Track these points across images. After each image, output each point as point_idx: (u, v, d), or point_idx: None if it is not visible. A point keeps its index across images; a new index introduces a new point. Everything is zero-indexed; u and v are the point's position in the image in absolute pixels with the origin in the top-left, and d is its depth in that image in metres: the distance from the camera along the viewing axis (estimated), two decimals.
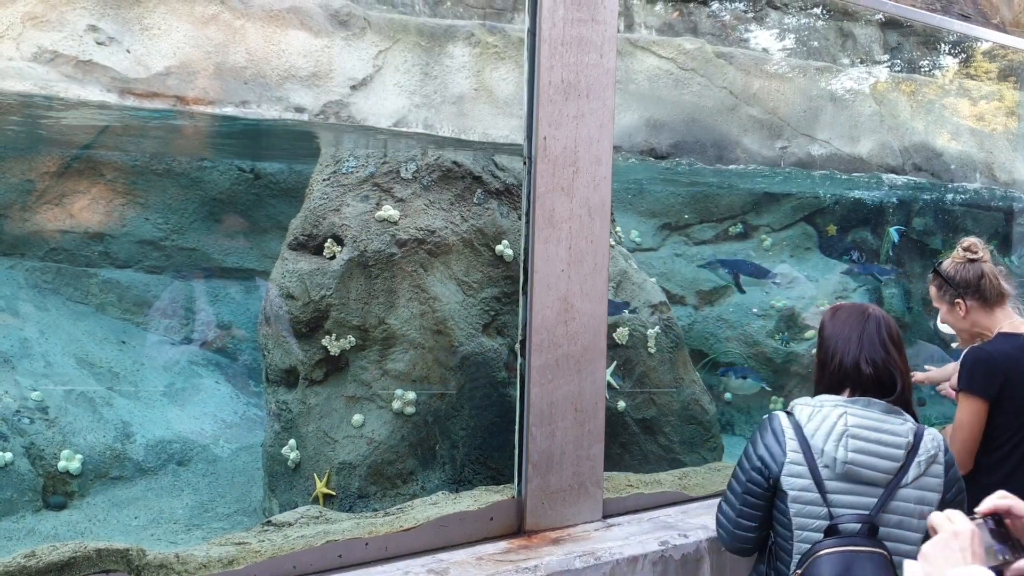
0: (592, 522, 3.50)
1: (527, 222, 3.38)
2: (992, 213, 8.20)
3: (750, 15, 6.57)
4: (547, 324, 3.36)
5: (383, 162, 4.23)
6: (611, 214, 3.68)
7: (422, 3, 5.16)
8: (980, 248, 3.29)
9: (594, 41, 3.41)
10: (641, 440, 4.72)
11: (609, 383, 4.29)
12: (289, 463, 4.07)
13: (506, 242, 4.29)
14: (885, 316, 2.60)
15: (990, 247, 3.37)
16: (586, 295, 3.44)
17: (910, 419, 2.48)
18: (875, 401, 2.47)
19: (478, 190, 4.31)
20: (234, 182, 6.24)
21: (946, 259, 3.36)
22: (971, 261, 3.26)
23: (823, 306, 6.56)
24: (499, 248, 4.29)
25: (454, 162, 4.28)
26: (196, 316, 6.02)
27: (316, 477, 3.95)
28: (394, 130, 4.64)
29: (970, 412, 3.17)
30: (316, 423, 4.06)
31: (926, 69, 7.17)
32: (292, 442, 4.09)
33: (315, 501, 3.89)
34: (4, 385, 4.85)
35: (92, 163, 5.81)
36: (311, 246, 4.17)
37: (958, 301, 3.29)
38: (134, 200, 6.00)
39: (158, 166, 6.02)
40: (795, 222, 7.56)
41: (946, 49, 7.22)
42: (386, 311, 4.07)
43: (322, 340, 4.06)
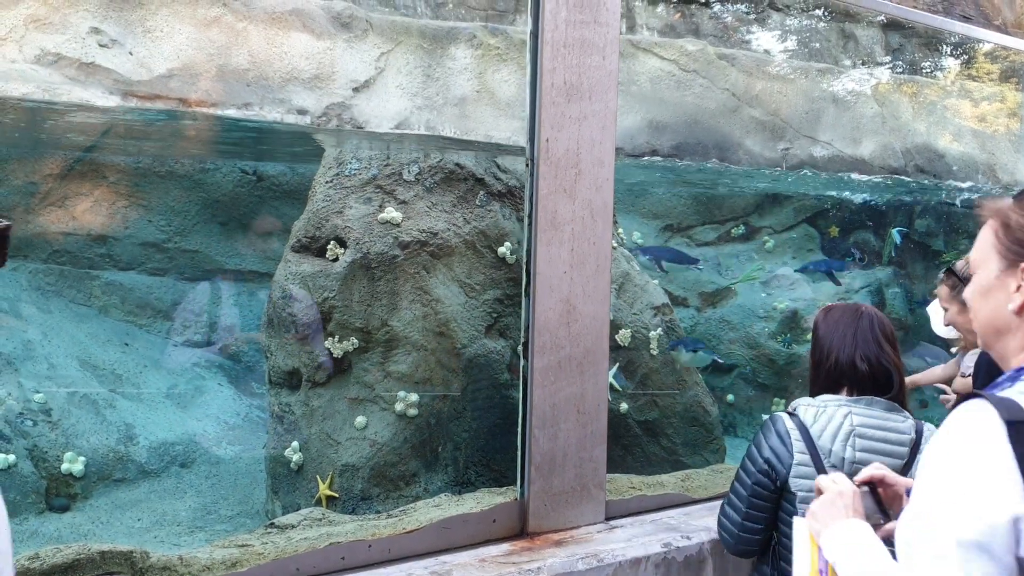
0: (595, 524, 3.50)
1: (529, 224, 3.38)
2: None
3: (752, 17, 6.58)
4: (550, 326, 3.36)
5: (386, 164, 4.24)
6: (613, 216, 3.68)
7: (424, 5, 5.16)
8: None
9: (596, 43, 3.41)
10: (643, 442, 4.72)
11: (611, 385, 4.29)
12: (292, 465, 4.08)
13: (508, 244, 4.29)
14: (878, 313, 2.61)
15: None
16: (588, 297, 3.44)
17: (910, 416, 2.49)
18: (877, 399, 2.47)
19: (480, 192, 4.31)
20: (237, 184, 6.24)
21: (960, 259, 3.32)
22: None
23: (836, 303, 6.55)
24: (501, 250, 4.29)
25: (456, 164, 4.28)
26: (214, 319, 6.03)
27: (319, 479, 3.96)
28: (396, 132, 4.64)
29: None
30: (319, 425, 4.06)
31: (928, 70, 7.17)
32: (295, 444, 4.09)
33: (318, 503, 3.89)
34: (7, 387, 4.86)
35: (95, 165, 5.81)
36: (314, 248, 4.18)
37: None
38: (137, 202, 6.00)
39: (161, 168, 6.03)
40: (797, 223, 7.56)
41: (948, 50, 7.22)
42: (389, 313, 4.08)
43: (325, 342, 4.06)
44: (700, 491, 3.97)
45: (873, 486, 1.82)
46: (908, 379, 4.11)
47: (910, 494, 1.50)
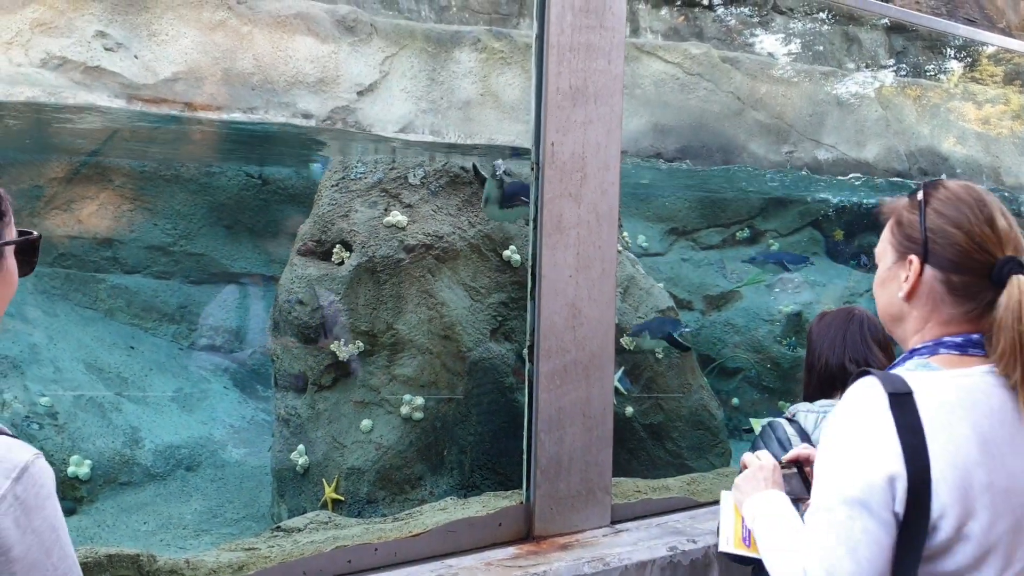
0: (600, 528, 3.49)
1: (535, 228, 3.38)
2: None
3: (755, 20, 6.58)
4: (555, 330, 3.36)
5: (391, 168, 4.25)
6: (618, 219, 3.68)
7: (428, 9, 5.17)
8: None
9: (602, 47, 3.41)
10: (649, 446, 4.72)
11: (617, 389, 4.29)
12: (298, 468, 4.08)
13: (513, 247, 4.30)
14: (870, 316, 2.59)
15: None
16: (594, 301, 3.44)
17: None
18: None
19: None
20: (242, 187, 6.26)
21: None
22: None
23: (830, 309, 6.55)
24: (506, 253, 4.30)
25: (462, 168, 4.28)
26: (220, 323, 6.04)
27: (324, 482, 3.96)
28: (400, 137, 4.65)
29: None
30: (325, 428, 4.07)
31: (932, 73, 7.18)
32: (301, 447, 4.10)
33: (324, 506, 3.89)
34: (14, 391, 4.87)
35: (100, 169, 5.83)
36: (320, 252, 4.18)
37: None
38: (142, 206, 6.02)
39: (166, 172, 6.04)
40: (802, 227, 7.56)
41: (952, 53, 7.22)
42: (394, 316, 4.08)
43: (331, 345, 4.07)
44: (706, 495, 3.96)
45: (800, 465, 1.94)
46: None
47: None
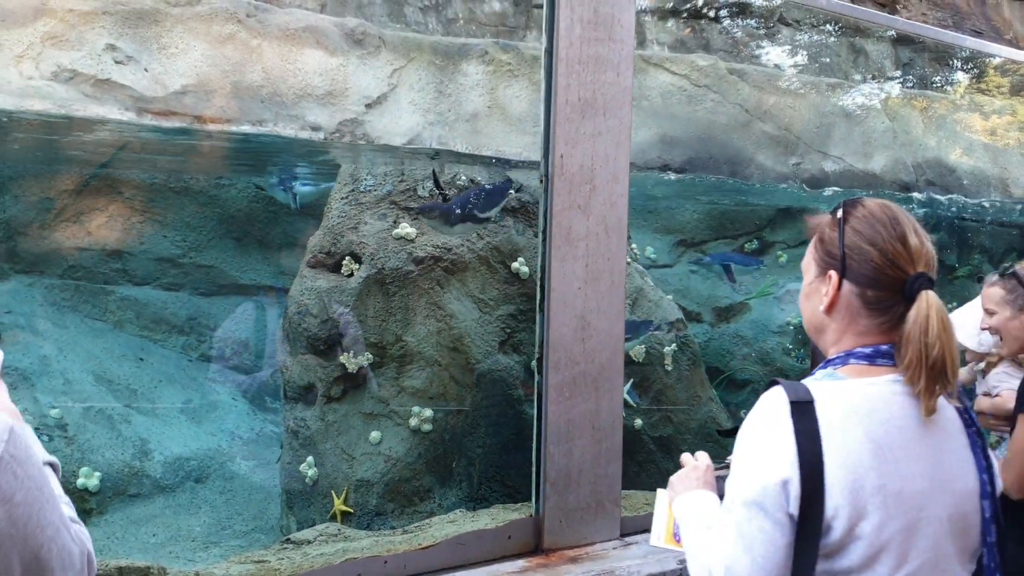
0: (610, 540, 3.49)
1: (544, 240, 3.39)
2: (1007, 229, 8.19)
3: (762, 32, 6.60)
4: (564, 342, 3.36)
5: (400, 180, 4.26)
6: (627, 231, 3.69)
7: (436, 22, 5.20)
8: None
9: (611, 60, 3.43)
10: (658, 458, 4.71)
11: (625, 401, 4.28)
12: (307, 480, 4.08)
13: (522, 259, 4.30)
14: None
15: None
16: (603, 313, 3.45)
17: None
18: None
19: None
20: (251, 200, 6.27)
21: (1018, 264, 3.15)
22: None
23: None
24: (515, 265, 4.30)
25: (470, 180, 4.30)
26: (228, 335, 6.05)
27: (334, 494, 3.96)
28: (408, 148, 4.67)
29: None
30: (334, 440, 4.07)
31: (938, 85, 7.18)
32: (310, 459, 4.10)
33: (333, 518, 3.89)
34: (23, 403, 4.88)
35: (110, 181, 5.85)
36: (329, 264, 4.20)
37: None
38: (152, 218, 6.03)
39: (176, 184, 6.06)
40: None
41: (958, 65, 7.23)
42: (403, 328, 4.09)
43: (340, 357, 4.07)
44: None
45: None
46: None
47: None
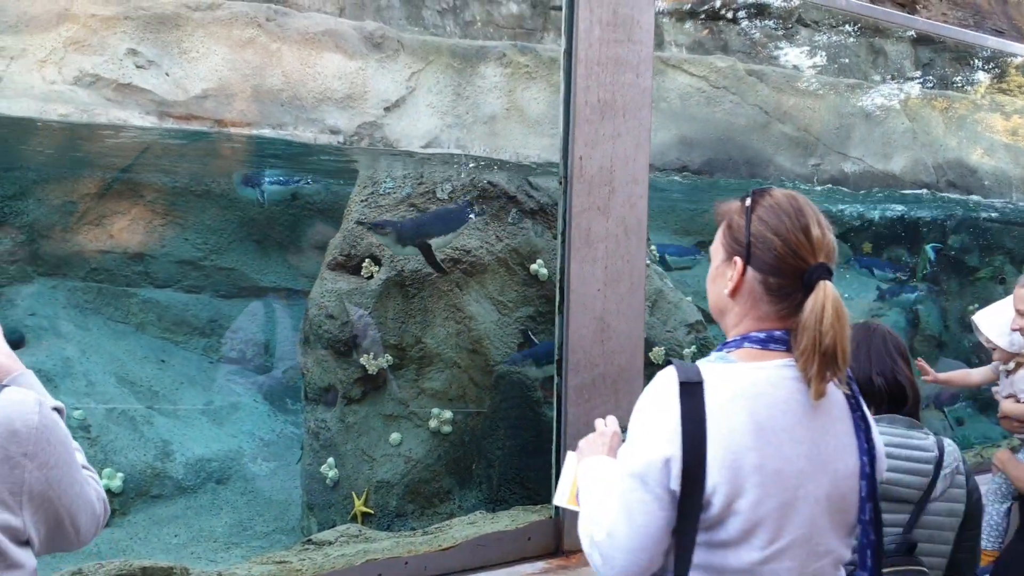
0: None
1: (563, 242, 3.38)
2: None
3: (780, 33, 6.57)
4: (583, 344, 3.36)
5: (419, 183, 4.27)
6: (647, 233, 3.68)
7: (454, 24, 5.21)
8: None
9: (630, 61, 3.43)
10: None
11: None
12: (328, 481, 4.10)
13: (541, 261, 4.30)
14: (890, 330, 2.58)
15: None
16: (623, 314, 3.44)
17: (931, 433, 2.46)
18: (898, 417, 2.44)
19: (513, 210, 4.33)
20: (272, 202, 6.31)
21: None
22: None
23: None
24: (534, 267, 4.31)
25: (489, 182, 4.31)
26: (250, 337, 6.08)
27: (354, 495, 3.97)
28: (427, 152, 4.68)
29: None
30: (354, 441, 4.09)
31: (959, 85, 7.13)
32: (331, 460, 4.12)
33: (353, 519, 3.91)
34: None
35: (132, 184, 5.89)
36: (349, 266, 4.22)
37: None
38: (173, 221, 6.07)
39: (197, 187, 6.10)
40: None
41: (979, 64, 7.17)
42: (422, 330, 4.10)
43: (360, 359, 4.09)
44: None
45: None
46: (943, 376, 3.99)
47: None
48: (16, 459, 1.32)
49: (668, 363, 1.65)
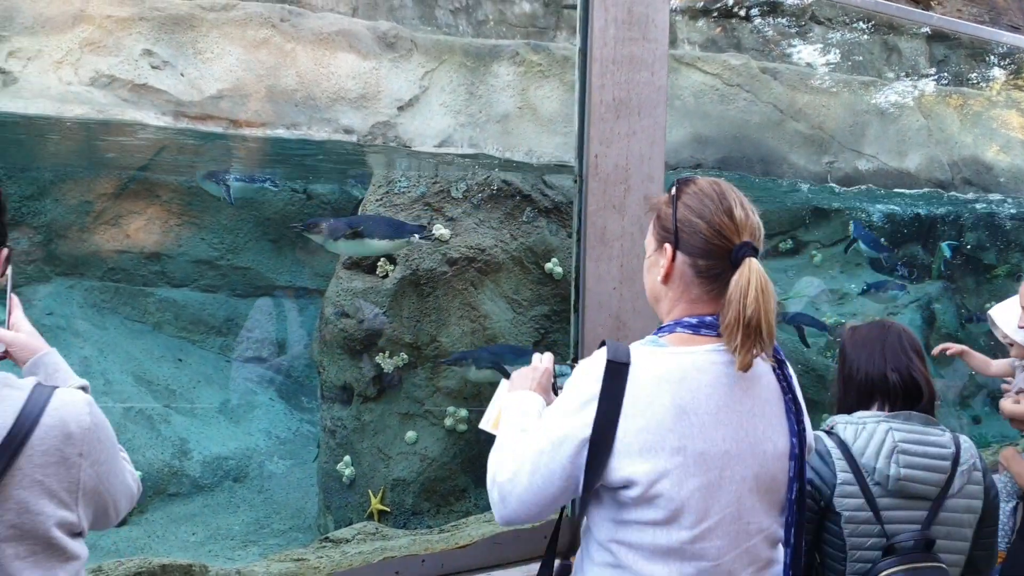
0: None
1: (578, 240, 3.38)
2: None
3: (794, 30, 6.55)
4: (599, 342, 3.35)
5: (434, 182, 4.28)
6: None
7: (466, 24, 5.21)
8: None
9: (645, 59, 3.42)
10: None
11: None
12: (344, 479, 4.11)
13: (555, 260, 4.31)
14: (905, 328, 2.58)
15: None
16: (638, 313, 3.43)
17: (947, 429, 2.45)
18: (914, 414, 2.43)
19: (527, 208, 4.33)
20: (287, 202, 6.33)
21: None
22: None
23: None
24: (548, 266, 4.31)
25: (504, 181, 4.31)
26: (265, 336, 6.09)
27: (371, 493, 3.99)
28: (440, 151, 4.68)
29: None
30: (370, 440, 4.10)
31: (974, 81, 7.08)
32: (347, 458, 4.13)
33: (370, 517, 3.92)
34: None
35: (148, 184, 5.92)
36: (365, 265, 4.23)
37: None
38: (189, 220, 6.09)
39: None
40: (845, 238, 7.47)
41: (995, 60, 7.12)
42: (437, 329, 4.11)
43: (376, 358, 4.10)
44: None
45: None
46: (963, 348, 3.94)
47: None
48: (72, 459, 1.37)
49: (603, 343, 1.70)
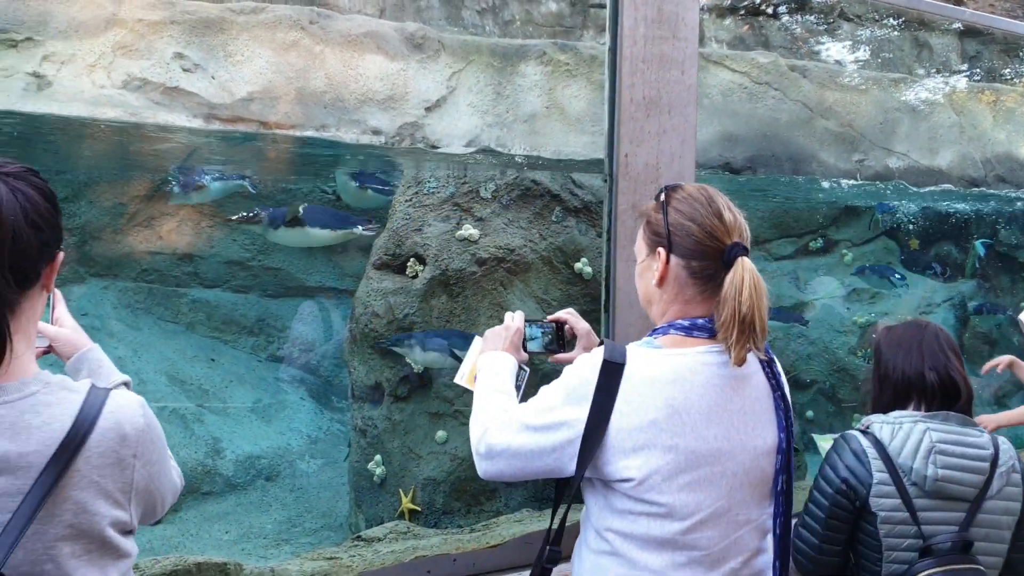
0: None
1: (608, 240, 3.38)
2: None
3: (822, 28, 6.50)
4: (631, 341, 3.35)
5: (463, 182, 4.29)
6: None
7: (493, 24, 5.22)
8: None
9: (675, 58, 3.41)
10: None
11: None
12: (375, 478, 4.14)
13: (585, 260, 4.30)
14: (940, 327, 2.57)
15: None
16: None
17: (985, 431, 2.43)
18: (952, 414, 2.41)
19: (556, 208, 4.33)
20: (317, 203, 6.37)
21: None
22: None
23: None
24: (578, 266, 4.30)
25: (533, 181, 4.31)
26: (296, 335, 6.13)
27: (401, 493, 4.00)
28: (466, 152, 4.69)
29: None
30: (401, 439, 4.12)
31: (1008, 77, 7.00)
32: (378, 457, 4.15)
33: (400, 516, 3.94)
34: None
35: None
36: (394, 265, 4.25)
37: None
38: (221, 221, 6.15)
39: (244, 189, 6.18)
40: (876, 236, 7.40)
41: None
42: (467, 328, 4.11)
43: (406, 357, 4.12)
44: None
45: (561, 324, 2.30)
46: (1010, 360, 3.91)
47: (587, 333, 2.24)
48: (127, 460, 1.42)
49: (601, 342, 1.81)
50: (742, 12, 6.30)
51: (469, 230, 4.17)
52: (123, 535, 1.43)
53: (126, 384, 1.69)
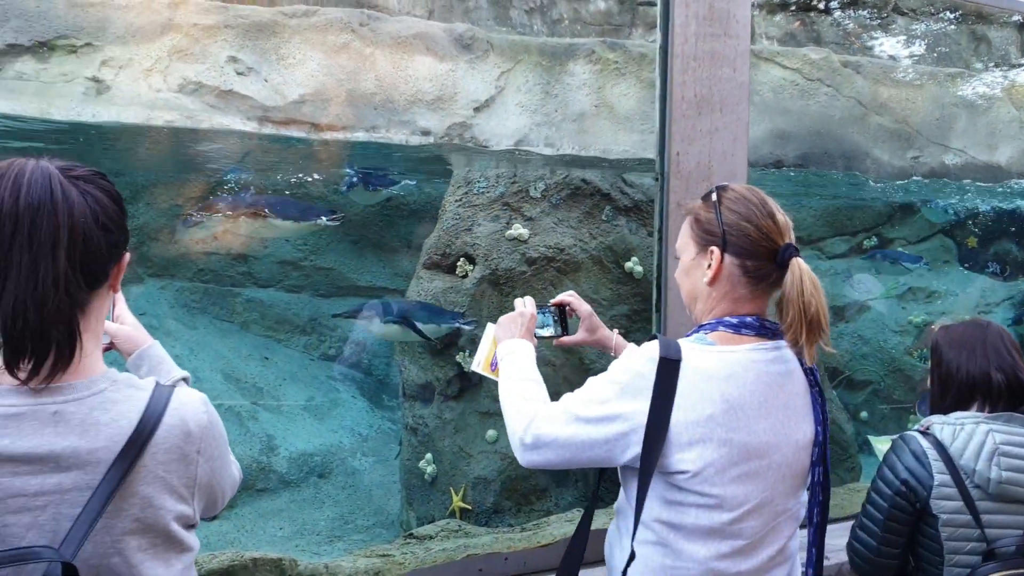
0: None
1: (660, 239, 3.36)
2: None
3: (875, 23, 6.40)
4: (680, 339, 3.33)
5: (512, 182, 4.30)
6: None
7: (541, 23, 5.21)
8: None
9: (727, 55, 3.39)
10: None
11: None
12: (426, 477, 4.16)
13: (636, 259, 4.28)
14: (1002, 327, 2.51)
15: None
16: None
17: None
18: (1016, 415, 2.36)
19: (607, 207, 4.32)
20: (367, 204, 6.42)
21: None
22: None
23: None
24: (628, 265, 4.29)
25: (583, 180, 4.31)
26: (348, 335, 6.19)
27: (452, 491, 4.03)
28: (516, 150, 4.70)
29: None
30: (452, 438, 4.14)
31: None
32: (429, 456, 4.18)
33: (451, 515, 3.96)
34: None
35: (235, 188, 6.07)
36: (445, 265, 4.27)
37: None
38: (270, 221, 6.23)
39: (296, 190, 6.26)
40: (932, 235, 7.26)
41: None
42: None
43: (456, 356, 4.14)
44: (836, 510, 3.83)
45: (563, 307, 2.35)
46: None
47: (589, 315, 2.31)
48: (191, 456, 1.43)
49: (653, 337, 1.81)
50: (793, 8, 6.22)
51: (519, 230, 4.18)
52: (186, 529, 1.46)
53: (185, 380, 1.72)
